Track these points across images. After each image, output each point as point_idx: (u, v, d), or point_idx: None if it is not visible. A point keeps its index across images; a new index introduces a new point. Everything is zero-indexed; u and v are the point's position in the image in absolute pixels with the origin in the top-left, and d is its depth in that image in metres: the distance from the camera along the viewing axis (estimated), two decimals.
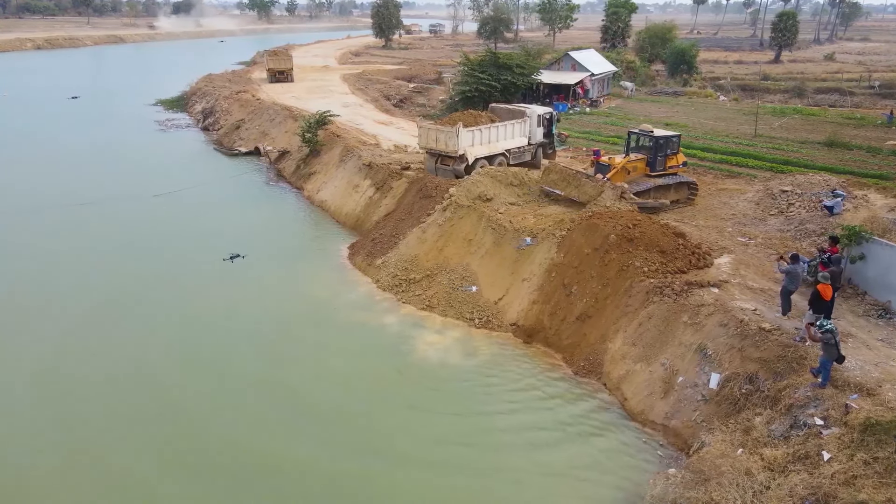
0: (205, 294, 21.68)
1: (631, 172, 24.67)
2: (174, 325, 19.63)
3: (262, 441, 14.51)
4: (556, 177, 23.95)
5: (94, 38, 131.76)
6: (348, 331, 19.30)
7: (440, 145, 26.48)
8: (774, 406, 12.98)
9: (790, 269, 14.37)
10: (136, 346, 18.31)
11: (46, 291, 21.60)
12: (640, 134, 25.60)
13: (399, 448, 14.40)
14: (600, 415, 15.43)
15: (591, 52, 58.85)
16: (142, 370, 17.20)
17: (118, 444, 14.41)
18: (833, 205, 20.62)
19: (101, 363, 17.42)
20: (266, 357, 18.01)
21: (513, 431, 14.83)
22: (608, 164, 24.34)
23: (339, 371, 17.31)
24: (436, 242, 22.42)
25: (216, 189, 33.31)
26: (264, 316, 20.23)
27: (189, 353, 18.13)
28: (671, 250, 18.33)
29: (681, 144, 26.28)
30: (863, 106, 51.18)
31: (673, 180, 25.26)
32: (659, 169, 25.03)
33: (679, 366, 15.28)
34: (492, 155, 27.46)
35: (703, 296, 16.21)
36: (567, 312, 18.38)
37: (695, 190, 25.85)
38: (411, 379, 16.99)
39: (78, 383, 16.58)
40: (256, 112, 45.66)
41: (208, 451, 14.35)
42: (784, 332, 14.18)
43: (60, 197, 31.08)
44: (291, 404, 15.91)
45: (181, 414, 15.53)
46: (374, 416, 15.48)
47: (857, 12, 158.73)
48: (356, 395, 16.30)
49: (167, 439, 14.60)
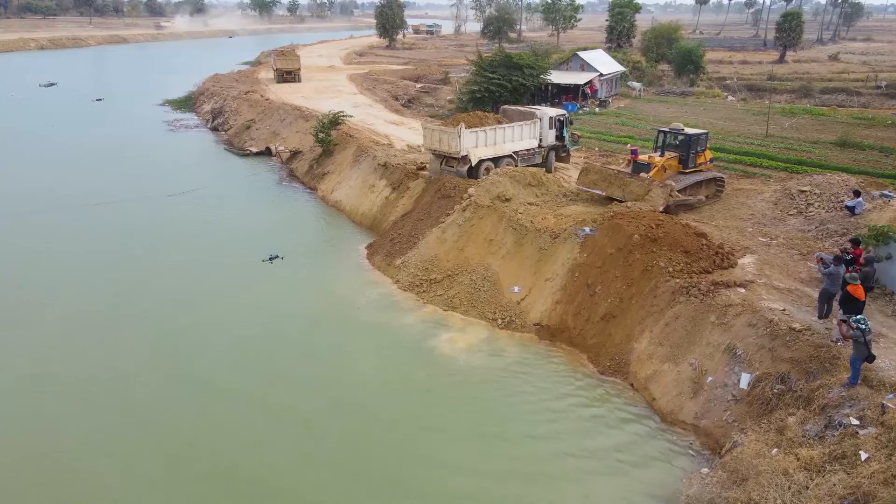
0: (228, 293, 21.76)
1: (667, 170, 24.93)
2: (196, 325, 19.69)
3: (273, 460, 14.15)
4: (596, 177, 24.19)
5: (97, 38, 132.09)
6: (372, 330, 19.35)
7: (443, 146, 26.31)
8: (808, 406, 13.01)
9: (833, 271, 14.16)
10: (154, 345, 18.39)
11: (64, 290, 21.67)
12: (670, 132, 25.81)
13: (425, 452, 14.45)
14: (628, 414, 15.48)
15: (599, 52, 58.89)
16: (163, 369, 17.28)
17: (147, 433, 14.47)
18: (854, 205, 20.65)
19: (120, 361, 17.49)
20: (287, 357, 18.06)
21: (543, 433, 14.88)
22: (647, 162, 24.47)
23: (365, 372, 17.35)
24: (456, 242, 22.46)
25: (230, 189, 33.39)
26: (287, 315, 20.30)
27: (208, 354, 18.15)
28: (695, 250, 18.37)
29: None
30: (871, 106, 51.18)
31: (704, 176, 25.65)
32: (691, 166, 25.34)
33: (708, 366, 15.32)
34: (497, 157, 27.15)
35: (730, 296, 16.24)
36: (591, 312, 18.42)
37: (721, 185, 26.25)
38: (438, 380, 17.04)
39: (100, 380, 16.64)
40: (266, 112, 45.70)
41: (225, 456, 14.38)
42: (815, 333, 14.21)
43: (75, 197, 31.16)
44: (314, 410, 15.96)
45: (201, 415, 15.58)
46: (401, 424, 15.50)
47: (859, 12, 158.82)
48: (383, 399, 16.30)
49: (181, 435, 14.69)
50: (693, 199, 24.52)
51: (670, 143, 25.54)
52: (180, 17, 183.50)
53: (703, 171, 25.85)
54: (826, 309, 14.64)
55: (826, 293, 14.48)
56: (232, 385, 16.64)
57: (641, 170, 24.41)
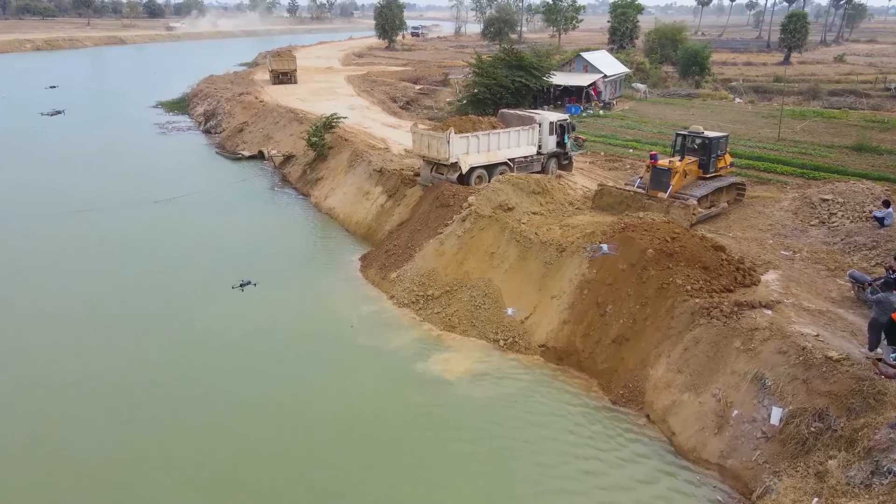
0: (210, 307, 20.29)
1: (688, 175, 23.52)
2: (173, 341, 18.27)
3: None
4: (612, 199, 23.01)
5: (93, 39, 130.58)
6: (363, 353, 17.84)
7: (432, 152, 24.83)
8: (851, 448, 11.53)
9: (882, 299, 12.62)
10: (131, 363, 16.95)
11: (38, 301, 20.22)
12: (689, 135, 24.34)
13: (420, 487, 12.99)
14: (645, 449, 14.01)
15: (603, 52, 57.52)
16: (135, 388, 15.81)
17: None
18: (884, 216, 19.18)
19: (92, 381, 16.01)
20: (267, 380, 16.57)
21: (549, 470, 13.41)
22: (668, 167, 22.98)
23: (353, 404, 15.82)
24: (455, 255, 21.00)
25: (219, 195, 31.90)
26: (273, 335, 18.79)
27: (189, 371, 16.71)
28: (714, 266, 16.93)
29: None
30: (883, 108, 49.75)
31: (725, 182, 24.34)
32: (711, 171, 23.94)
33: (733, 397, 13.83)
34: (491, 164, 25.64)
35: (756, 318, 14.76)
36: (602, 334, 16.94)
37: (743, 190, 25.00)
38: (433, 409, 15.56)
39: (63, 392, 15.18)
40: (260, 115, 44.28)
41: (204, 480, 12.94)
42: (855, 363, 12.73)
43: (57, 203, 29.67)
44: (302, 435, 14.49)
45: (173, 438, 14.11)
46: (394, 457, 14.05)
47: (861, 14, 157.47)
48: (373, 432, 14.84)
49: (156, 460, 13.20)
50: (717, 210, 23.23)
51: (689, 146, 24.14)
52: (191, 19, 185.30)
53: (723, 175, 24.52)
54: (877, 341, 13.02)
55: (876, 323, 12.77)
56: (211, 412, 15.18)
57: (661, 175, 22.92)
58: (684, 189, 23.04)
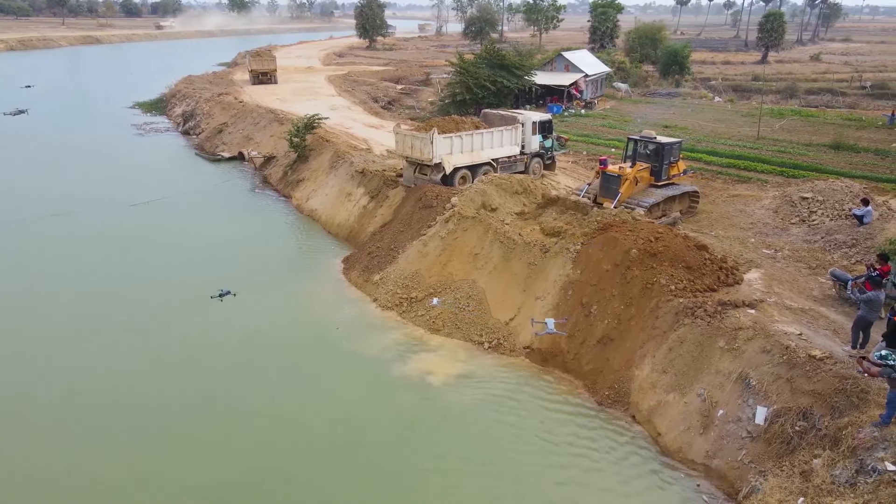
0: (190, 314, 19.86)
1: (639, 182, 23.21)
2: (152, 348, 17.79)
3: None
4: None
5: (68, 39, 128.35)
6: (347, 356, 17.59)
7: (415, 153, 24.66)
8: (835, 447, 11.55)
9: (872, 297, 12.62)
10: (107, 372, 16.49)
11: (6, 310, 19.66)
12: (641, 140, 23.72)
13: (407, 492, 12.81)
14: (630, 450, 13.95)
15: (584, 52, 57.67)
16: (110, 397, 15.40)
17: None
18: (863, 214, 19.38)
19: (64, 393, 15.58)
20: (251, 386, 16.25)
21: (534, 471, 13.30)
22: (618, 173, 22.66)
23: (338, 407, 15.62)
24: (438, 257, 20.82)
25: (199, 197, 31.40)
26: (256, 338, 18.44)
27: (170, 380, 16.32)
28: (698, 265, 16.93)
29: (683, 149, 24.89)
30: (859, 107, 50.51)
31: (678, 190, 23.81)
32: (664, 178, 23.48)
33: (718, 397, 13.84)
34: (475, 164, 25.56)
35: (740, 317, 14.78)
36: (587, 335, 16.88)
37: (696, 200, 24.49)
38: (418, 412, 15.38)
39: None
40: (240, 115, 43.72)
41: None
42: (838, 362, 12.78)
43: (28, 207, 28.94)
44: (285, 446, 14.23)
45: (152, 448, 13.77)
46: (380, 461, 13.85)
47: (837, 13, 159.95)
48: (358, 435, 14.63)
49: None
50: (668, 220, 22.36)
51: (641, 151, 23.64)
52: (173, 17, 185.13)
53: (677, 183, 23.98)
54: (862, 339, 13.09)
55: (862, 321, 12.83)
56: (184, 414, 14.84)
57: (610, 182, 22.60)
58: (634, 197, 22.61)
